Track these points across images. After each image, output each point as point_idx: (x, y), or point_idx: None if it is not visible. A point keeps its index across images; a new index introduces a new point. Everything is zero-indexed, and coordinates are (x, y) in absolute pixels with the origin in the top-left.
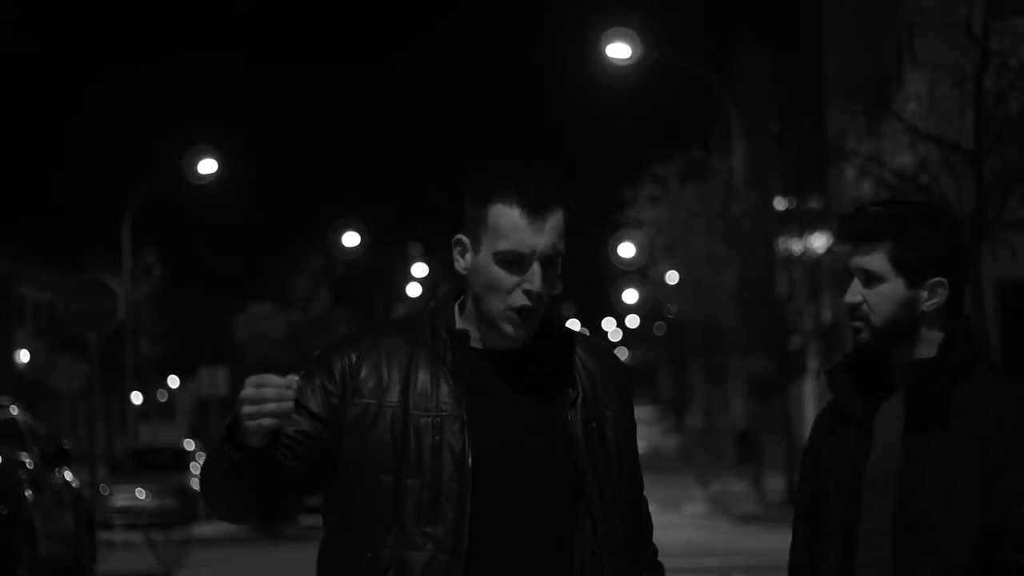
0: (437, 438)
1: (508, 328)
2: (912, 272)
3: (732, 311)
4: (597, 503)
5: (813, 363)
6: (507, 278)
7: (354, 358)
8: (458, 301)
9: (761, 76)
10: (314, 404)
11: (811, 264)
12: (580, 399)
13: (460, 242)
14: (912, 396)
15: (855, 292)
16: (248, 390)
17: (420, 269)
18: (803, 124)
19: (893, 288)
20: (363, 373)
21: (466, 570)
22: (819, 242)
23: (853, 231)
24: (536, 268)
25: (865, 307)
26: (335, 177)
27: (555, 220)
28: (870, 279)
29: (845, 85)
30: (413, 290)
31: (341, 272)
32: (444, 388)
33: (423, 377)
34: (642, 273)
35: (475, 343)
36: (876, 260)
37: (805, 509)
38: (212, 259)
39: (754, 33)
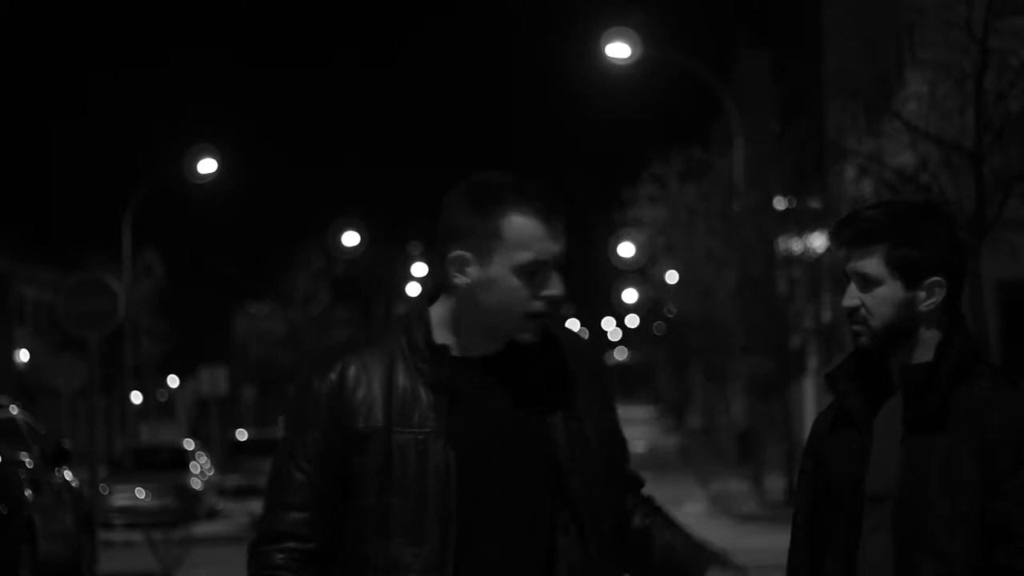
0: (421, 456)
1: (526, 336)
2: (910, 273)
3: (732, 311)
4: (583, 506)
5: (813, 363)
6: (526, 287)
7: (334, 380)
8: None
9: (761, 76)
10: (322, 443)
11: (811, 263)
12: (561, 401)
13: (460, 258)
14: (911, 399)
15: (853, 296)
16: None
17: (420, 269)
18: (803, 124)
19: (891, 290)
20: (344, 394)
21: None
22: (819, 242)
23: (848, 235)
24: (555, 274)
25: (863, 311)
26: (335, 177)
27: (563, 225)
28: (867, 282)
29: (845, 84)
30: (413, 290)
31: (341, 271)
32: (425, 402)
33: (403, 392)
34: (642, 273)
35: (454, 351)
36: (873, 263)
37: (805, 510)
38: (212, 259)
39: (754, 33)
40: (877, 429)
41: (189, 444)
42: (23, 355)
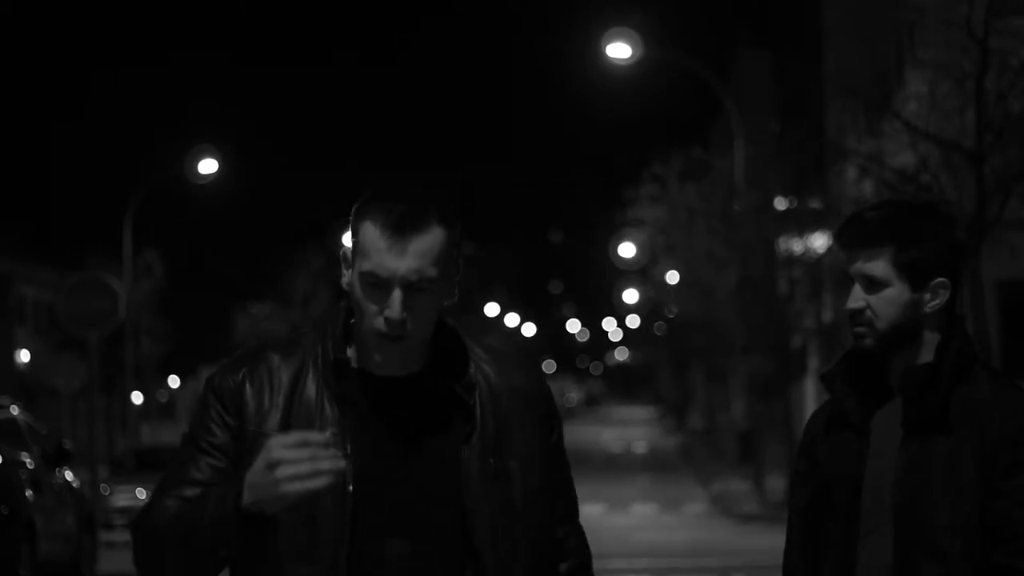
0: None
1: (376, 355)
2: (916, 275)
3: (733, 311)
4: (487, 545)
5: (814, 363)
6: (372, 300)
7: (238, 379)
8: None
9: (761, 76)
10: (219, 439)
11: (812, 264)
12: (477, 432)
13: (344, 256)
14: (912, 400)
15: (857, 298)
16: (282, 452)
17: None
18: (803, 124)
19: (897, 292)
20: (245, 396)
21: None
22: (820, 242)
23: (853, 237)
24: (397, 294)
25: (869, 312)
26: (335, 177)
27: (422, 244)
28: (873, 284)
29: (845, 84)
30: None
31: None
32: (328, 416)
33: (307, 403)
34: (643, 273)
35: (355, 363)
36: (880, 265)
37: (801, 510)
38: (212, 259)
39: (754, 33)
40: (875, 431)
41: None
42: (23, 355)
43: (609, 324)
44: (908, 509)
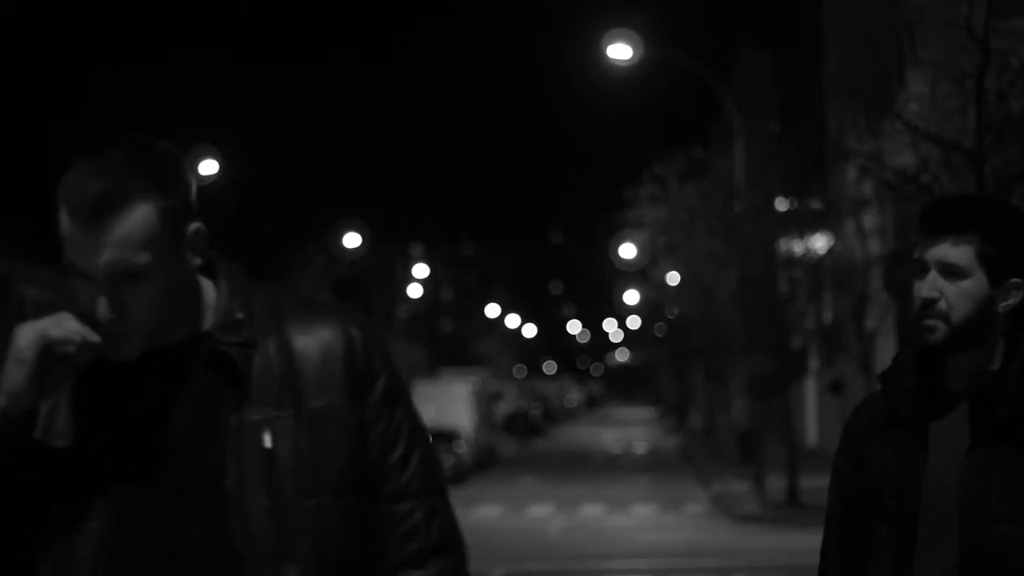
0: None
1: (104, 347)
2: (996, 269)
3: (733, 311)
4: (245, 537)
5: (814, 363)
6: (83, 292)
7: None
8: None
9: (761, 76)
10: None
11: (812, 264)
12: (251, 401)
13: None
14: (980, 407)
15: (933, 287)
16: (48, 321)
17: (421, 270)
18: (803, 124)
19: (976, 285)
20: None
21: None
22: (820, 242)
23: (939, 221)
24: (101, 294)
25: (943, 303)
26: (335, 177)
27: (122, 229)
28: (951, 273)
29: (845, 84)
30: (413, 290)
31: (342, 272)
32: (64, 410)
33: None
34: (643, 274)
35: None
36: (963, 253)
37: (838, 511)
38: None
39: (754, 33)
40: (934, 436)
41: None
42: None
43: (609, 325)
44: (973, 520)
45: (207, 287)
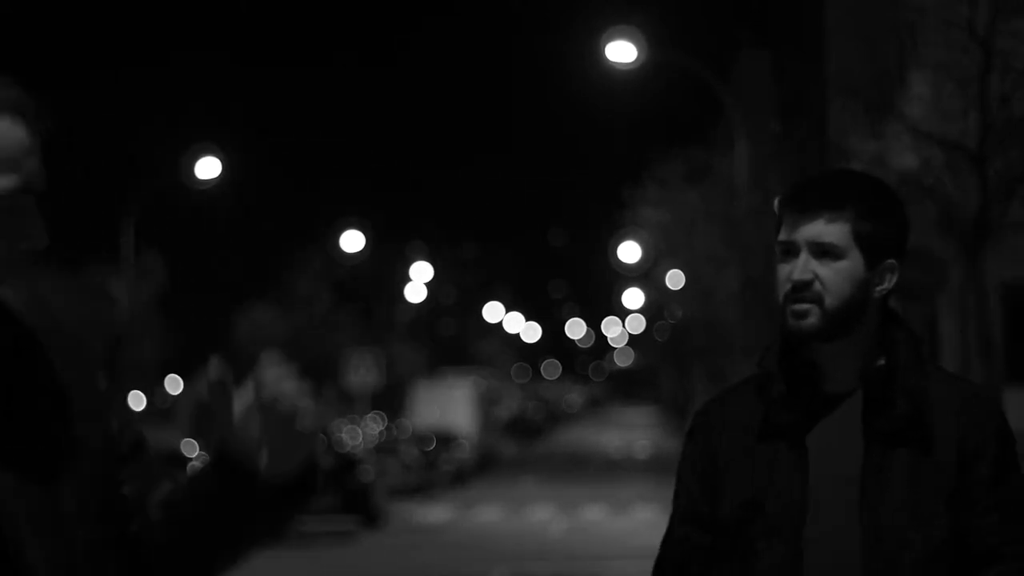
0: None
1: None
2: (873, 249)
3: (734, 312)
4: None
5: None
6: None
7: None
8: None
9: (761, 76)
10: None
11: None
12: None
13: None
14: (873, 406)
15: (805, 268)
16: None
17: (421, 269)
18: (804, 124)
19: (853, 265)
20: None
21: None
22: None
23: (810, 198)
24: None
25: (818, 285)
26: (335, 177)
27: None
28: (825, 253)
29: (845, 85)
30: (412, 291)
31: (342, 273)
32: None
33: None
34: (644, 275)
35: None
36: (837, 231)
37: (692, 536)
38: (213, 259)
39: (754, 33)
40: (813, 443)
41: (190, 448)
42: None
43: (610, 326)
44: (875, 533)
45: None
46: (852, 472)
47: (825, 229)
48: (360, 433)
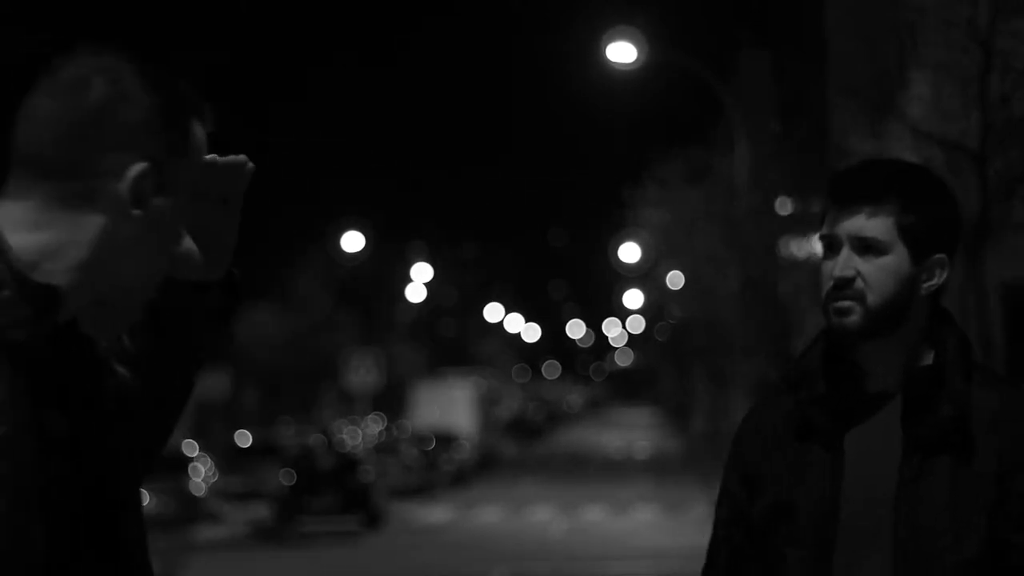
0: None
1: None
2: (919, 244)
3: (734, 312)
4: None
5: None
6: None
7: None
8: None
9: (761, 76)
10: None
11: (815, 265)
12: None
13: None
14: (915, 409)
15: (847, 264)
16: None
17: (421, 270)
18: (804, 124)
19: (897, 261)
20: None
21: None
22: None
23: (852, 191)
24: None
25: (860, 283)
26: (336, 177)
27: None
28: (868, 249)
29: (846, 85)
30: (413, 291)
31: (343, 273)
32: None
33: None
34: (644, 275)
35: None
36: (880, 225)
37: (731, 540)
38: None
39: (754, 33)
40: (850, 446)
41: (191, 448)
42: None
43: (610, 326)
44: (914, 542)
45: None
46: (889, 478)
47: (867, 223)
48: (360, 433)
